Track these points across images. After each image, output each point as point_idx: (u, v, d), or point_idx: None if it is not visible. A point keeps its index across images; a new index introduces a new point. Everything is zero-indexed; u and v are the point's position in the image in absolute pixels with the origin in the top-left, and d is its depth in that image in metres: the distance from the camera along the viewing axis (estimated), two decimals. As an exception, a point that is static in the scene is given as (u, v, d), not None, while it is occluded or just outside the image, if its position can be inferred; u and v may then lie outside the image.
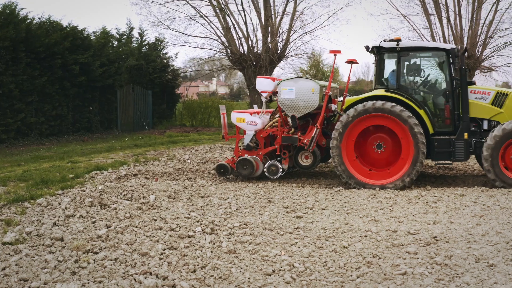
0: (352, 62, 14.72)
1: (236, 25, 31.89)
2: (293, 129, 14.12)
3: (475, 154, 13.66)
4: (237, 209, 10.69)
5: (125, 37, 35.22)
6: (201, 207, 10.77)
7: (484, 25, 29.58)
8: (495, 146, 12.60)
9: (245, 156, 13.96)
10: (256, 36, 32.45)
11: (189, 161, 18.11)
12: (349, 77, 15.46)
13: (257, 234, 8.96)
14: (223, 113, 15.06)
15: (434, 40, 30.33)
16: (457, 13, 29.77)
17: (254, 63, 31.68)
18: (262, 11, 31.69)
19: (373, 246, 8.28)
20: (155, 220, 9.63)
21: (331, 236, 8.81)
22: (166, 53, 36.65)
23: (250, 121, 14.13)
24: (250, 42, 32.15)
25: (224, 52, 32.87)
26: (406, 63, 13.64)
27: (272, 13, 31.75)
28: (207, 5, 31.18)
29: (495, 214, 10.02)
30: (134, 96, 32.26)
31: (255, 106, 17.47)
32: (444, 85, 13.60)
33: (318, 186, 13.54)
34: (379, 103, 12.93)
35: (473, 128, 13.31)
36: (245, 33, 32.03)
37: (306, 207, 10.89)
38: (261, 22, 31.93)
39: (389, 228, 9.14)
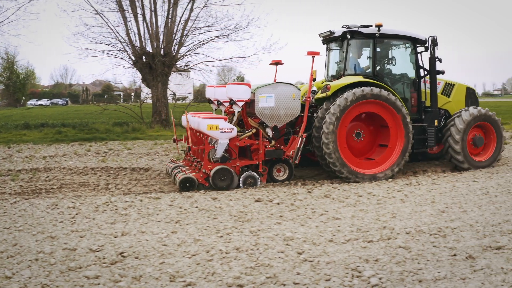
0: (277, 63, 14.22)
1: None
2: (273, 141, 12.36)
3: None
4: None
5: None
6: None
7: (180, 23, 29.25)
8: (465, 129, 13.52)
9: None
10: None
11: None
12: (275, 79, 14.15)
13: None
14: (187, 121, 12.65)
15: (129, 38, 29.10)
16: (153, 10, 28.93)
17: None
18: None
19: (44, 272, 6.31)
20: None
21: (-10, 266, 6.62)
22: None
23: (224, 128, 11.69)
24: None
25: None
26: (378, 50, 13.50)
27: None
28: None
29: (193, 218, 8.79)
30: None
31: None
32: (412, 74, 13.89)
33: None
34: (376, 89, 12.51)
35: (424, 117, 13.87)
36: None
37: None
38: None
39: (66, 247, 7.25)
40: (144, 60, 28.85)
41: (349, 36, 13.34)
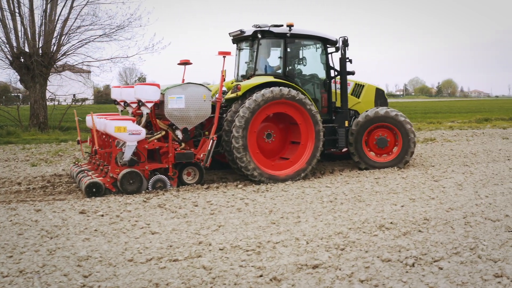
0: (186, 63, 14.10)
1: None
2: (183, 144, 12.15)
3: None
4: None
5: None
6: None
7: (58, 21, 27.98)
8: (359, 131, 13.81)
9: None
10: None
11: None
12: (183, 80, 14.05)
13: None
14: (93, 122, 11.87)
15: (8, 37, 27.55)
16: (30, 8, 27.52)
17: None
18: None
19: None
20: None
21: None
22: None
23: (133, 130, 11.30)
24: None
25: None
26: (289, 50, 13.51)
27: None
28: None
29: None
30: None
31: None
32: (323, 74, 14.10)
33: None
34: (285, 89, 12.51)
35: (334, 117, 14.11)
36: None
37: None
38: None
39: None
40: (22, 60, 27.40)
41: (259, 36, 13.31)
